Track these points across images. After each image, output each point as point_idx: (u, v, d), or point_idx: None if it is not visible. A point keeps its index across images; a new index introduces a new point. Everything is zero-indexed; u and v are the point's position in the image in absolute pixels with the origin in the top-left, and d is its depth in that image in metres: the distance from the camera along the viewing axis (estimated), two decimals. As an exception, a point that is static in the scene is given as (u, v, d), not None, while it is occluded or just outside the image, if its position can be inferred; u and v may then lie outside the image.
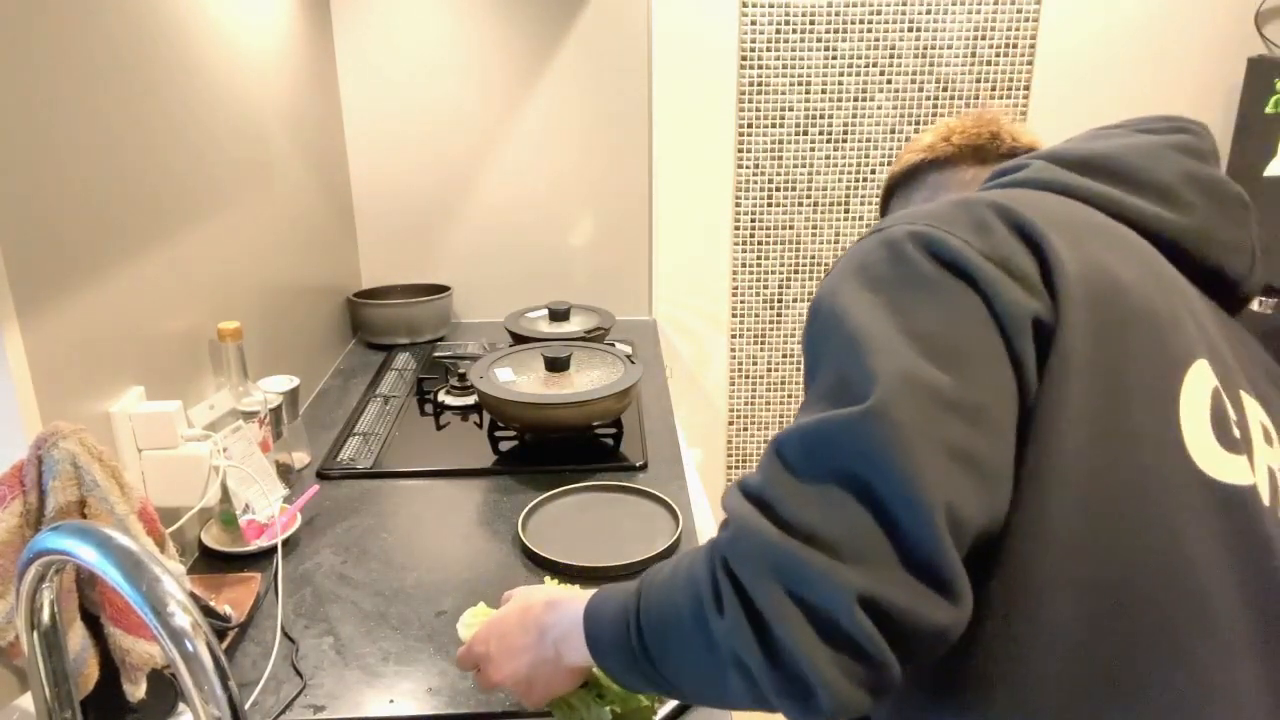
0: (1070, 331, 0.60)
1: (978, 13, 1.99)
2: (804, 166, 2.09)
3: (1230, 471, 0.62)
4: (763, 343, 2.22)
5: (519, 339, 1.85)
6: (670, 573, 0.64)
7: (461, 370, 1.71)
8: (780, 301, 2.19)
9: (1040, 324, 0.60)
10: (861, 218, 2.13)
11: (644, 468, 1.42)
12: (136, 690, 0.88)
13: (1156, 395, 0.61)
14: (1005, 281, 0.61)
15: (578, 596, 0.76)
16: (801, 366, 2.20)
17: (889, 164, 1.99)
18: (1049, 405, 0.59)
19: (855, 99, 2.05)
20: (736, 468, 2.32)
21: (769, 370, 2.24)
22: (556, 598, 0.79)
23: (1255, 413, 0.67)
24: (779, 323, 2.21)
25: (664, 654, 0.63)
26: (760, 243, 2.15)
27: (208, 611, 0.93)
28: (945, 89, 2.05)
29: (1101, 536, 0.58)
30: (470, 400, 1.66)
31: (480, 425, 1.59)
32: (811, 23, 1.99)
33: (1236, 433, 0.64)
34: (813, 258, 2.16)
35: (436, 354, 1.94)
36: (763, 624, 0.54)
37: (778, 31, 1.99)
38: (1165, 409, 0.61)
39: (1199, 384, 0.63)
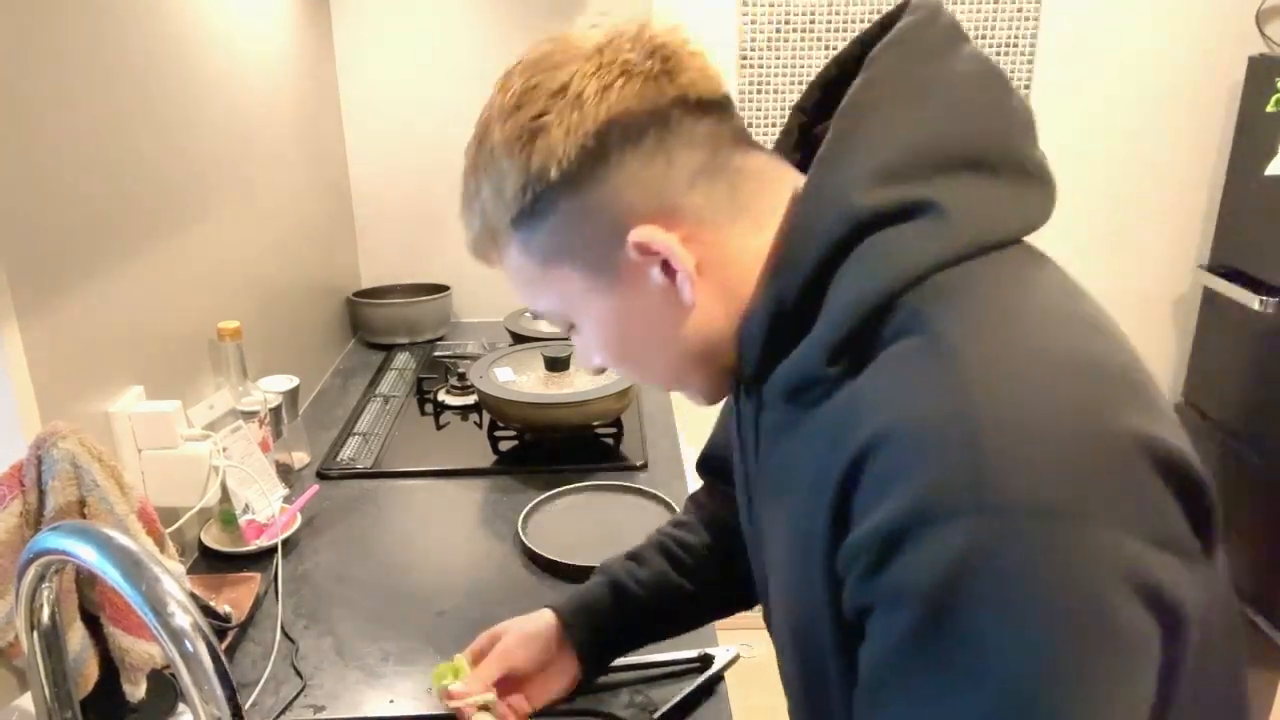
0: None
1: (978, 12, 1.99)
2: (804, 166, 2.09)
3: None
4: (763, 342, 2.22)
5: (519, 339, 1.85)
6: None
7: (461, 370, 1.71)
8: (780, 301, 2.19)
9: None
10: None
11: (644, 468, 1.42)
12: (136, 690, 0.88)
13: None
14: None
15: None
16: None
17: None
18: None
19: (855, 98, 2.04)
20: (736, 467, 2.32)
21: (769, 370, 2.24)
22: None
23: None
24: (779, 322, 2.20)
25: None
26: (760, 242, 2.14)
27: (208, 611, 0.93)
28: (945, 88, 2.04)
29: None
30: (470, 400, 1.66)
31: (480, 425, 1.59)
32: (811, 22, 1.98)
33: None
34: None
35: (436, 354, 1.94)
36: None
37: (778, 31, 1.99)
38: None
39: None
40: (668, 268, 0.59)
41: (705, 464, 0.96)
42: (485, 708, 0.80)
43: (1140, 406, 0.49)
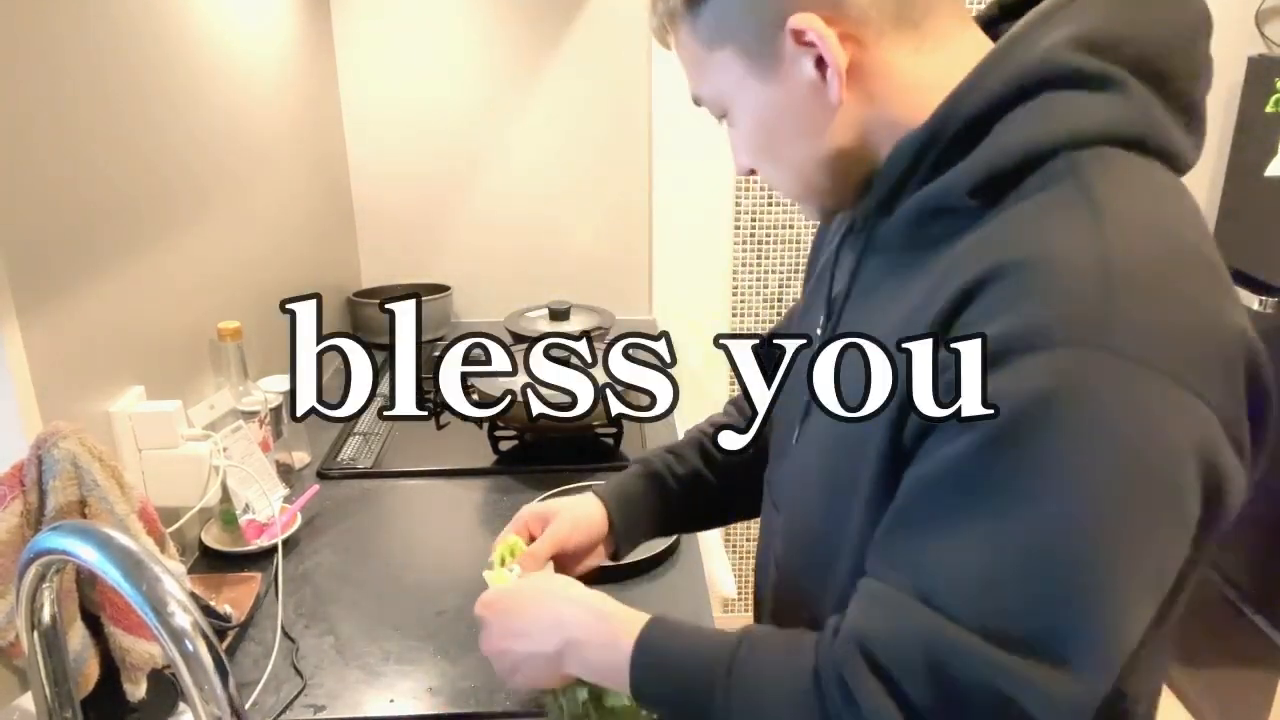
0: None
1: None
2: (804, 166, 2.09)
3: None
4: (763, 342, 2.22)
5: (519, 339, 1.84)
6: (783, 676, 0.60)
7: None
8: (780, 301, 2.19)
9: None
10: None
11: (644, 467, 1.42)
12: (136, 690, 0.88)
13: None
14: None
15: (612, 613, 0.71)
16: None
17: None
18: None
19: (855, 99, 2.04)
20: (736, 467, 2.32)
21: (769, 370, 2.24)
22: (584, 598, 0.73)
23: None
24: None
25: None
26: (760, 242, 2.14)
27: (208, 611, 0.93)
28: (945, 89, 2.04)
29: None
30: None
31: (480, 425, 1.59)
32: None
33: None
34: (813, 257, 2.16)
35: (437, 354, 1.94)
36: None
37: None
38: None
39: None
40: (821, 64, 0.59)
41: None
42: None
43: (1245, 315, 0.53)
